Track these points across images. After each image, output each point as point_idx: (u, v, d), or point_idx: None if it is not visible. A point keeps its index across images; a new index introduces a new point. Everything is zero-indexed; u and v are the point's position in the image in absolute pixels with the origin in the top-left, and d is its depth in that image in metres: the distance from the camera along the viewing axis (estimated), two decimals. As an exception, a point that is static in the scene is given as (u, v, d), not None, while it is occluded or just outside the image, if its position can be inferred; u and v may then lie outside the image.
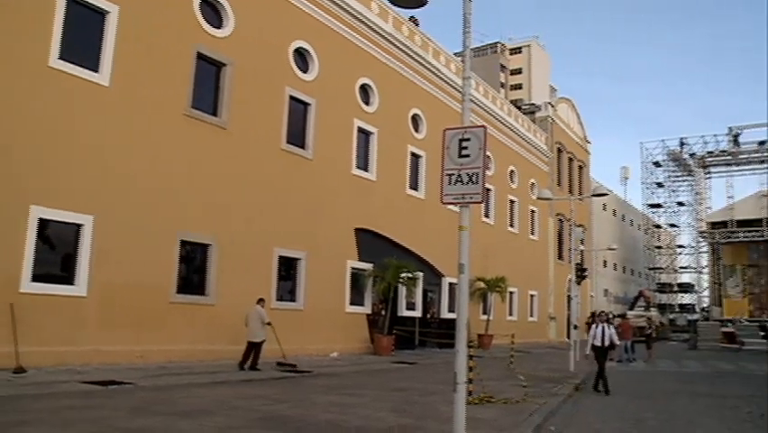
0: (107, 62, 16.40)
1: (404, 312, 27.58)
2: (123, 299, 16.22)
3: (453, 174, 7.25)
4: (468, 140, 7.25)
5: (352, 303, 24.97)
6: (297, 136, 22.85)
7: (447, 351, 24.10)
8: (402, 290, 26.57)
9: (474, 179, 7.16)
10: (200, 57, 19.20)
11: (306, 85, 23.26)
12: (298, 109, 23.04)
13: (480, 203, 7.40)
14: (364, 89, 26.70)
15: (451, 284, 30.85)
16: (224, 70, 20.12)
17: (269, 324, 17.14)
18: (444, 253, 28.73)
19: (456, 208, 7.39)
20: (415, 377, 17.39)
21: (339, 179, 24.74)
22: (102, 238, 15.83)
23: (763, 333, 46.03)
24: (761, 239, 61.41)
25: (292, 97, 22.65)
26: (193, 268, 19.03)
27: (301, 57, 23.37)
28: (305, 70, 23.40)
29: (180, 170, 18.23)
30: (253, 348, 16.88)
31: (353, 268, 25.21)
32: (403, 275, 25.53)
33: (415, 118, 30.16)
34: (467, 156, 7.22)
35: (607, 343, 16.04)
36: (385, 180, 27.27)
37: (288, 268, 22.30)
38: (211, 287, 19.01)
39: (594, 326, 16.50)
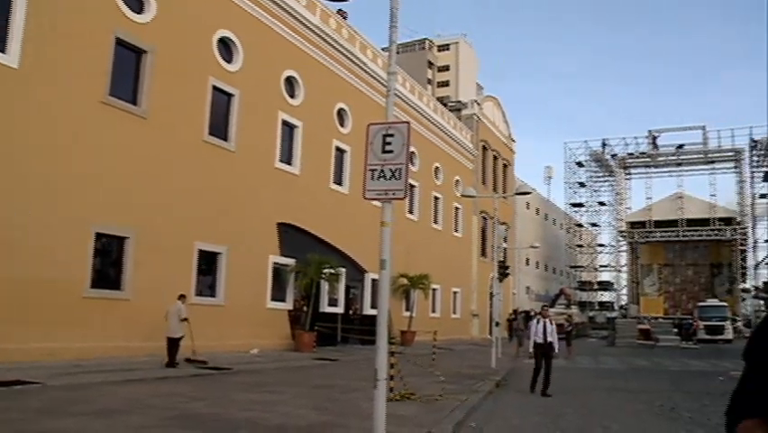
0: (16, 43, 15.76)
1: (326, 308, 27.56)
2: (32, 294, 15.65)
3: (376, 169, 7.31)
4: (392, 135, 7.32)
5: (273, 299, 24.83)
6: (219, 128, 22.53)
7: (369, 347, 24.14)
8: (324, 286, 26.54)
9: (397, 174, 7.23)
10: (119, 43, 18.68)
11: (230, 75, 22.95)
12: (221, 100, 22.73)
13: (403, 199, 7.49)
14: (289, 82, 26.53)
15: (374, 280, 30.98)
16: (144, 58, 19.64)
17: (185, 320, 16.87)
18: (368, 249, 28.84)
19: (379, 204, 7.44)
20: (336, 374, 17.42)
21: (262, 173, 24.53)
22: (6, 230, 15.24)
23: (676, 330, 48.15)
24: (676, 239, 64.18)
25: (215, 88, 22.32)
26: (109, 262, 18.56)
27: (225, 46, 23.04)
28: (229, 60, 23.09)
29: (96, 160, 17.71)
30: (173, 345, 16.61)
31: (275, 263, 25.05)
32: (325, 271, 25.51)
33: (340, 112, 30.17)
34: (390, 152, 7.28)
35: (549, 339, 15.33)
36: (309, 175, 27.18)
37: (208, 262, 21.99)
38: (127, 281, 18.56)
39: (535, 321, 15.84)
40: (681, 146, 64.61)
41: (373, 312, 30.42)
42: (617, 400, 14.63)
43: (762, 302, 61.53)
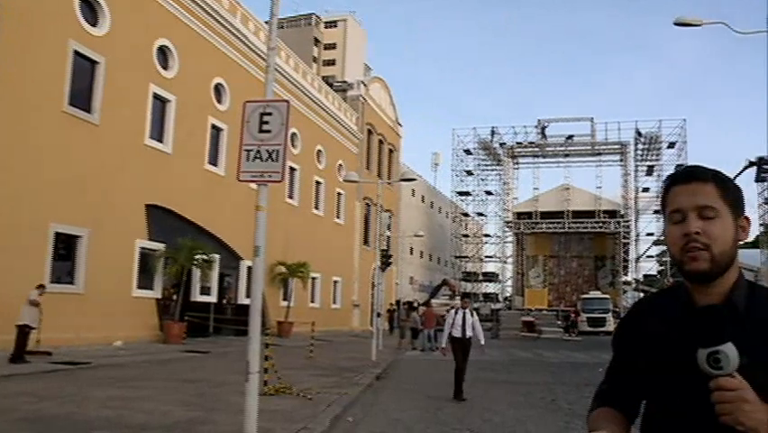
0: None
1: (198, 297, 27.08)
2: None
3: (252, 150, 7.22)
4: (270, 114, 7.24)
5: (140, 287, 24.09)
6: (81, 98, 21.52)
7: (244, 339, 23.87)
8: (196, 273, 26.04)
9: (275, 156, 7.16)
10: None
11: (95, 40, 21.94)
12: (84, 67, 21.70)
13: (281, 182, 7.45)
14: (162, 52, 25.68)
15: (249, 268, 30.49)
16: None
17: (35, 305, 15.95)
18: (244, 235, 28.40)
19: (255, 187, 7.36)
20: (207, 367, 17.16)
21: (130, 150, 23.65)
22: None
23: (559, 322, 50.30)
24: (562, 231, 66.70)
25: (77, 53, 21.27)
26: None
27: (89, 8, 21.99)
28: (93, 23, 22.07)
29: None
30: (22, 335, 15.75)
31: (143, 248, 24.30)
32: (198, 257, 25.07)
33: (218, 88, 29.55)
34: (268, 132, 7.20)
35: (469, 334, 13.85)
36: (182, 154, 26.47)
37: (66, 246, 21.04)
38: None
39: (452, 312, 14.20)
40: (569, 137, 67.02)
41: (248, 301, 30.06)
42: (499, 392, 15.09)
43: (642, 295, 65.00)
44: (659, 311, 1.93)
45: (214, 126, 29.03)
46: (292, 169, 36.71)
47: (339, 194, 45.07)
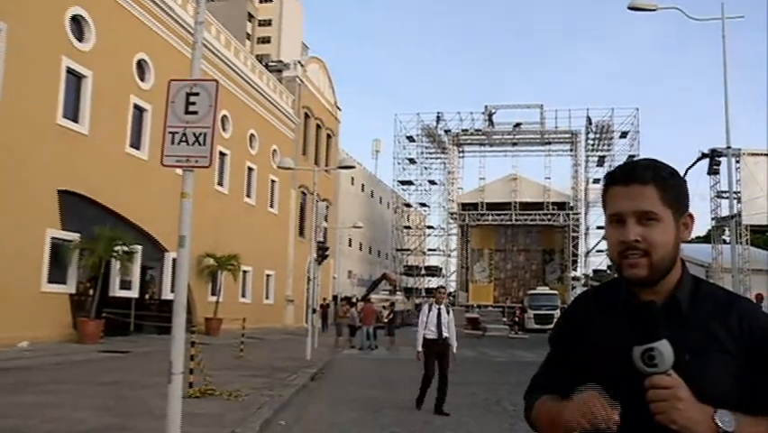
0: None
1: (117, 292, 26.46)
2: None
3: (178, 132, 7.08)
4: (197, 94, 7.12)
5: (51, 281, 23.45)
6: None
7: (167, 337, 23.60)
8: (116, 266, 25.47)
9: (202, 139, 7.05)
10: None
11: (-2, 6, 21.22)
12: (-14, 37, 20.98)
13: (208, 167, 7.33)
14: (76, 21, 24.98)
15: (175, 260, 30.12)
16: None
17: None
18: (168, 225, 27.65)
19: (181, 172, 7.24)
20: (127, 368, 16.87)
21: (40, 130, 22.95)
22: None
23: (505, 319, 50.95)
24: (508, 223, 67.52)
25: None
26: None
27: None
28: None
29: None
30: None
31: (55, 238, 23.66)
32: (117, 248, 24.54)
33: (141, 64, 28.96)
34: (195, 113, 7.09)
35: (446, 334, 12.31)
36: (100, 135, 25.84)
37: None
38: None
39: (425, 308, 12.80)
40: (518, 125, 67.67)
41: (173, 297, 29.68)
42: (441, 393, 15.19)
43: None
44: (600, 306, 1.98)
45: (136, 106, 28.43)
46: (222, 154, 36.35)
47: (273, 182, 44.75)
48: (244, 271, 37.73)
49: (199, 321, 28.70)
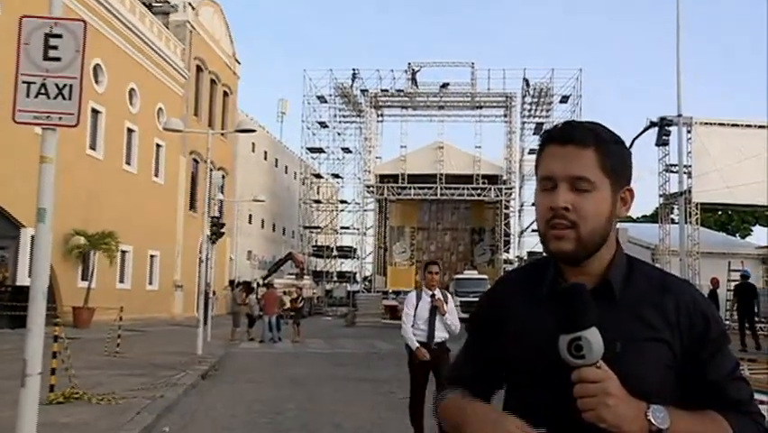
0: None
1: (-39, 277, 25.81)
2: None
3: (35, 83, 6.72)
4: (59, 37, 6.76)
5: None
6: None
7: (23, 331, 23.04)
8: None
9: (67, 93, 6.71)
10: None
11: None
12: None
13: (75, 126, 6.97)
14: None
15: (33, 238, 29.42)
16: None
17: None
18: (27, 196, 27.05)
19: (39, 131, 6.88)
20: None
21: None
22: None
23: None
24: (433, 198, 67.76)
25: None
26: None
27: None
28: None
29: None
30: None
31: None
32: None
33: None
34: (57, 59, 6.73)
35: (441, 335, 9.63)
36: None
37: None
38: None
39: (413, 295, 10.00)
40: (445, 85, 67.59)
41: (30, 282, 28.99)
42: (353, 391, 15.31)
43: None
44: (527, 288, 2.00)
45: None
46: (95, 111, 35.70)
47: (158, 146, 44.13)
48: (123, 252, 37.24)
49: (65, 311, 28.11)
